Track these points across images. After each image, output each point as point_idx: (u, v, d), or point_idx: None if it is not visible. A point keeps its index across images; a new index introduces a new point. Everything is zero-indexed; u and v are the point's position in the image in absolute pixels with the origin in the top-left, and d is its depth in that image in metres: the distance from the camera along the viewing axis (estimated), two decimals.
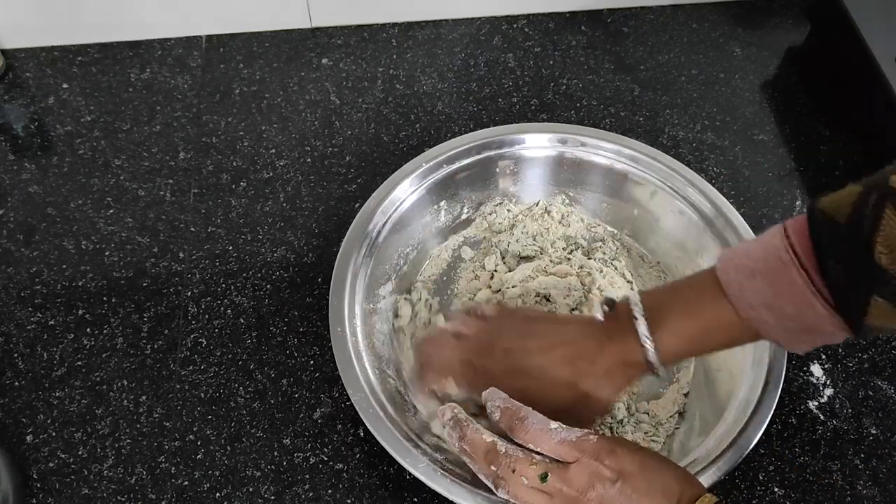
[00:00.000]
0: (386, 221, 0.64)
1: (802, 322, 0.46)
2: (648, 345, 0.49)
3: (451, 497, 0.51)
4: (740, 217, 0.64)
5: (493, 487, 0.49)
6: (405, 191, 0.66)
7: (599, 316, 0.52)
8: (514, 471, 0.48)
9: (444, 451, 0.55)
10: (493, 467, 0.49)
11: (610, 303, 0.53)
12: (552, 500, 0.47)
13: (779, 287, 0.45)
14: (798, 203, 0.75)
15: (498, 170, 0.70)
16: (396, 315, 0.65)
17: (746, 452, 0.53)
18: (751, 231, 0.63)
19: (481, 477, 0.50)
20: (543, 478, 0.47)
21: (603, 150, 0.69)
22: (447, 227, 0.70)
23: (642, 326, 0.49)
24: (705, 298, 0.49)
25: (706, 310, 0.49)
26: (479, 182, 0.70)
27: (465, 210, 0.71)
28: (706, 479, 0.52)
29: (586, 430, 0.49)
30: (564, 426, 0.50)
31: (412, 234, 0.68)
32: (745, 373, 0.57)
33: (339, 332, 0.58)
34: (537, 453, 0.49)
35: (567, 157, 0.69)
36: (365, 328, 0.60)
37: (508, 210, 0.71)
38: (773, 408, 0.55)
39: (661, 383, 0.63)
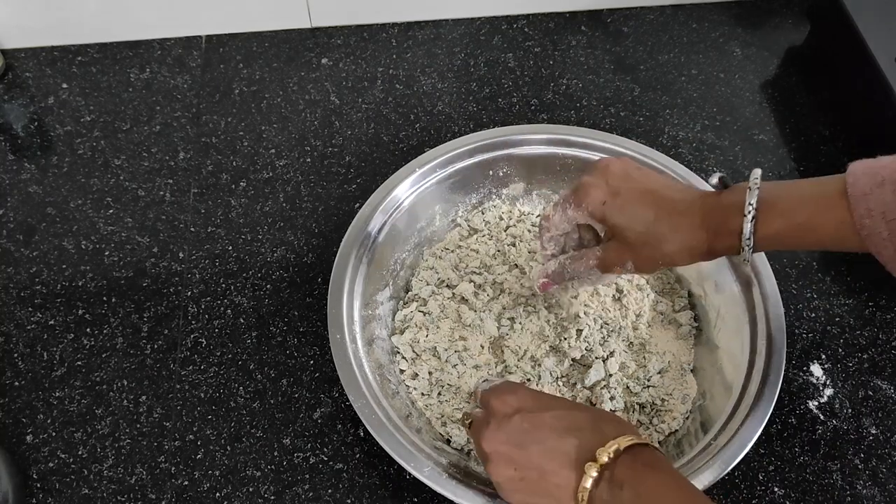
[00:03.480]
0: (384, 223, 0.64)
1: None
2: (749, 214, 0.46)
3: (456, 499, 0.51)
4: None
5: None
6: (403, 192, 0.66)
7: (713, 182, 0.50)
8: (462, 412, 0.58)
9: (447, 453, 0.55)
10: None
11: (724, 180, 0.50)
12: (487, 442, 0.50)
13: None
14: None
15: (496, 171, 0.70)
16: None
17: (745, 452, 0.53)
18: None
19: None
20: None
21: (602, 151, 0.69)
22: (445, 229, 0.70)
23: (753, 196, 0.47)
24: (825, 193, 0.46)
25: (821, 204, 0.46)
26: (478, 183, 0.70)
27: (464, 211, 0.71)
28: (706, 478, 0.52)
29: (503, 380, 0.55)
30: (490, 378, 0.57)
31: (410, 237, 0.68)
32: (744, 371, 0.57)
33: (338, 339, 0.58)
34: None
35: (566, 157, 0.69)
36: (364, 334, 0.60)
37: (506, 211, 0.71)
38: (773, 407, 0.55)
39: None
